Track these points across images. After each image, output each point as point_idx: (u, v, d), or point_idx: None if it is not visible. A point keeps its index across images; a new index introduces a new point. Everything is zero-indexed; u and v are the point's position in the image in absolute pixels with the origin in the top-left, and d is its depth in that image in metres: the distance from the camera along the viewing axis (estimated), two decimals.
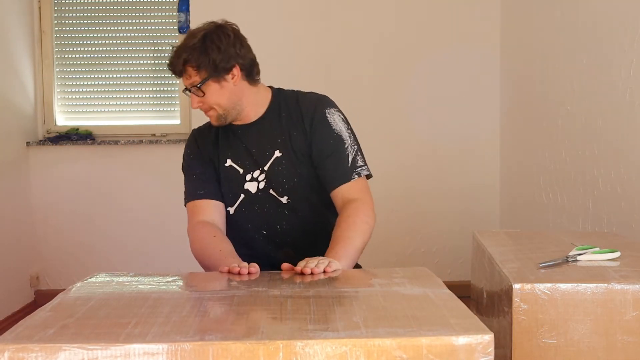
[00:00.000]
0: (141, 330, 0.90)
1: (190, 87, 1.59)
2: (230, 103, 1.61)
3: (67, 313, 0.99)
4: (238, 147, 1.67)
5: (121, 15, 3.60)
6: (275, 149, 1.64)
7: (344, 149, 1.61)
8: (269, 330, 0.89)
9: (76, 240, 3.54)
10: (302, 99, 1.67)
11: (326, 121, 1.62)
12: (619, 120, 2.21)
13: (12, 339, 0.87)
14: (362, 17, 3.54)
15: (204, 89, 1.58)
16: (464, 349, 0.86)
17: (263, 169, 1.64)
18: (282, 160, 1.63)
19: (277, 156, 1.64)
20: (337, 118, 1.65)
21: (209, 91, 1.58)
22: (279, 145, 1.64)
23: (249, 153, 1.65)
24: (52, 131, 3.58)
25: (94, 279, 1.24)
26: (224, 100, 1.60)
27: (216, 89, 1.59)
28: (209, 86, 1.58)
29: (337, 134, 1.62)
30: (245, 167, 1.66)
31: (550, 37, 2.84)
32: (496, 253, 1.47)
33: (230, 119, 1.64)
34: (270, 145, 1.64)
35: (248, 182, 1.65)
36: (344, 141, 1.62)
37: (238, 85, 1.61)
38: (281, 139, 1.64)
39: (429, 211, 3.60)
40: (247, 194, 1.66)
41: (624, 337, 1.20)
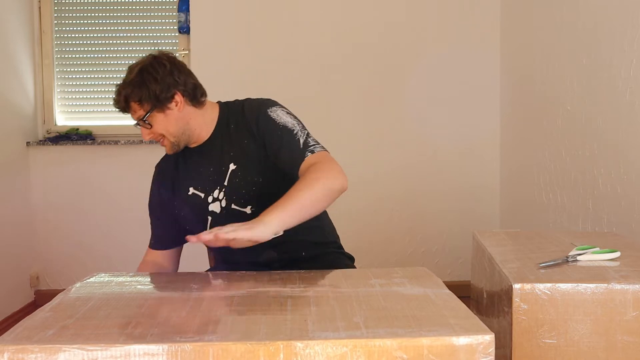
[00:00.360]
0: (141, 331, 0.90)
1: (138, 121, 1.63)
2: (179, 129, 1.64)
3: (66, 314, 0.99)
4: (197, 170, 1.69)
5: (121, 15, 3.60)
6: (229, 163, 1.65)
7: (293, 136, 1.60)
8: (269, 331, 0.89)
9: (76, 240, 3.54)
10: (247, 106, 1.69)
11: (270, 118, 1.63)
12: (619, 120, 2.21)
13: (11, 339, 0.87)
14: (361, 17, 3.54)
15: (150, 121, 1.61)
16: (465, 350, 0.86)
17: (222, 185, 1.65)
18: (238, 172, 1.64)
19: (232, 169, 1.65)
20: (280, 113, 1.66)
21: (155, 122, 1.61)
22: (233, 158, 1.65)
23: (207, 173, 1.67)
24: (52, 131, 3.58)
25: (93, 279, 1.24)
26: (171, 128, 1.63)
27: (162, 119, 1.61)
28: (155, 117, 1.61)
29: (282, 125, 1.62)
30: (205, 190, 1.67)
31: (550, 37, 2.84)
32: (496, 253, 1.47)
33: (184, 144, 1.67)
34: (224, 160, 1.65)
35: (211, 203, 1.66)
36: (291, 129, 1.61)
37: (183, 111, 1.63)
38: (234, 152, 1.65)
39: (429, 211, 3.60)
40: (213, 216, 1.66)
41: (624, 337, 1.20)
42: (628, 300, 1.19)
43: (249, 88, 3.55)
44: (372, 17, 3.55)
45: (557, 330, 1.21)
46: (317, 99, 3.50)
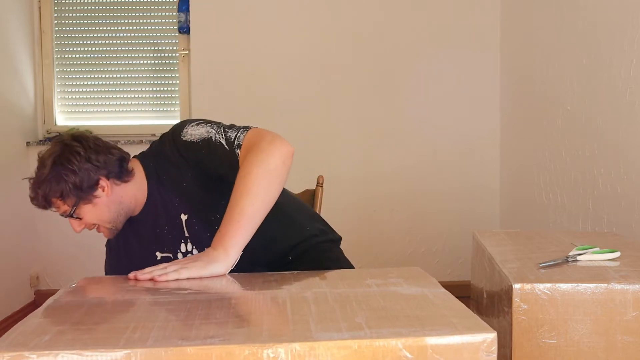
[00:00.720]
0: (141, 335, 0.88)
1: (65, 216, 1.49)
2: (113, 214, 1.49)
3: (60, 319, 0.96)
4: (154, 234, 1.55)
5: (121, 15, 3.60)
6: (179, 214, 1.52)
7: (214, 144, 1.43)
8: (272, 333, 0.89)
9: (76, 240, 3.52)
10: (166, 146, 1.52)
11: (187, 143, 1.47)
12: (619, 120, 2.21)
13: (6, 346, 0.84)
14: (361, 17, 3.54)
15: (78, 215, 1.47)
16: (468, 348, 0.86)
17: (185, 237, 1.53)
18: (193, 219, 1.52)
19: (185, 219, 1.52)
20: (192, 129, 1.48)
21: (84, 214, 1.47)
22: (179, 208, 1.52)
23: (164, 233, 1.54)
24: (52, 131, 3.57)
25: (83, 283, 1.21)
26: (104, 215, 1.48)
27: (90, 209, 1.47)
28: (82, 209, 1.46)
29: (201, 141, 1.45)
30: (171, 250, 1.55)
31: (550, 37, 2.84)
32: (496, 253, 1.47)
33: (122, 223, 1.53)
34: (173, 213, 1.52)
35: (181, 252, 1.55)
36: (209, 138, 1.45)
37: (112, 194, 1.48)
38: (178, 201, 1.51)
39: (429, 211, 3.60)
40: (186, 253, 1.55)
41: (624, 337, 1.20)
42: (628, 300, 1.19)
43: (249, 88, 3.56)
44: (372, 17, 3.55)
45: (557, 330, 1.21)
46: (317, 99, 3.50)
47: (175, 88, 3.61)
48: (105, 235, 1.55)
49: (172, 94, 3.63)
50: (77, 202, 1.45)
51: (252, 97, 3.47)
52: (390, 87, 3.56)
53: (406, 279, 1.19)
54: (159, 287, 1.18)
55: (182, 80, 3.58)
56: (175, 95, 3.62)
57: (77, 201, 1.45)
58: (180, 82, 3.59)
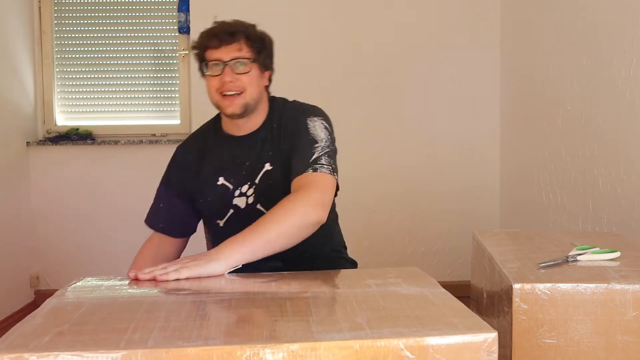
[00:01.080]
0: (141, 336, 0.87)
1: (238, 59, 1.53)
2: (257, 98, 1.58)
3: (60, 320, 0.96)
4: (230, 162, 1.63)
5: (121, 15, 3.60)
6: (265, 162, 1.60)
7: (311, 147, 1.53)
8: (273, 333, 0.88)
9: (76, 240, 3.54)
10: (289, 109, 1.65)
11: (306, 126, 1.58)
12: (619, 120, 2.21)
13: (6, 347, 0.84)
14: (361, 17, 3.54)
15: (246, 68, 1.53)
16: (470, 348, 0.86)
17: (253, 182, 1.60)
18: (273, 174, 1.59)
19: (267, 169, 1.60)
20: (319, 125, 1.59)
21: (251, 73, 1.54)
22: (270, 157, 1.60)
23: (240, 166, 1.61)
24: (52, 131, 3.58)
25: (81, 284, 1.20)
26: (256, 90, 1.56)
27: (256, 76, 1.55)
28: (253, 69, 1.54)
29: (311, 137, 1.55)
30: (235, 183, 1.61)
31: (550, 37, 2.84)
32: (496, 253, 1.47)
33: (247, 114, 1.58)
34: (261, 157, 1.61)
35: (236, 197, 1.61)
36: (316, 142, 1.54)
37: (263, 88, 1.61)
38: (272, 152, 1.60)
39: (429, 211, 3.60)
40: (236, 209, 1.61)
41: (624, 337, 1.20)
42: (628, 300, 1.19)
43: None
44: (372, 17, 3.55)
45: (557, 330, 1.21)
46: (317, 99, 3.46)
47: (175, 88, 3.61)
48: (234, 107, 1.55)
49: (172, 94, 3.63)
50: (256, 59, 1.54)
51: None
52: (390, 87, 3.56)
53: (405, 279, 1.19)
54: (158, 287, 1.18)
55: (182, 80, 3.58)
56: (175, 95, 3.62)
57: (256, 59, 1.54)
58: (180, 82, 3.59)
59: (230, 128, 1.65)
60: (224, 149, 1.65)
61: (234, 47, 1.53)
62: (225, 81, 1.53)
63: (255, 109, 1.60)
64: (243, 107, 1.55)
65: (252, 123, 1.62)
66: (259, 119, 1.63)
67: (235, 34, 1.54)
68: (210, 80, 1.58)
